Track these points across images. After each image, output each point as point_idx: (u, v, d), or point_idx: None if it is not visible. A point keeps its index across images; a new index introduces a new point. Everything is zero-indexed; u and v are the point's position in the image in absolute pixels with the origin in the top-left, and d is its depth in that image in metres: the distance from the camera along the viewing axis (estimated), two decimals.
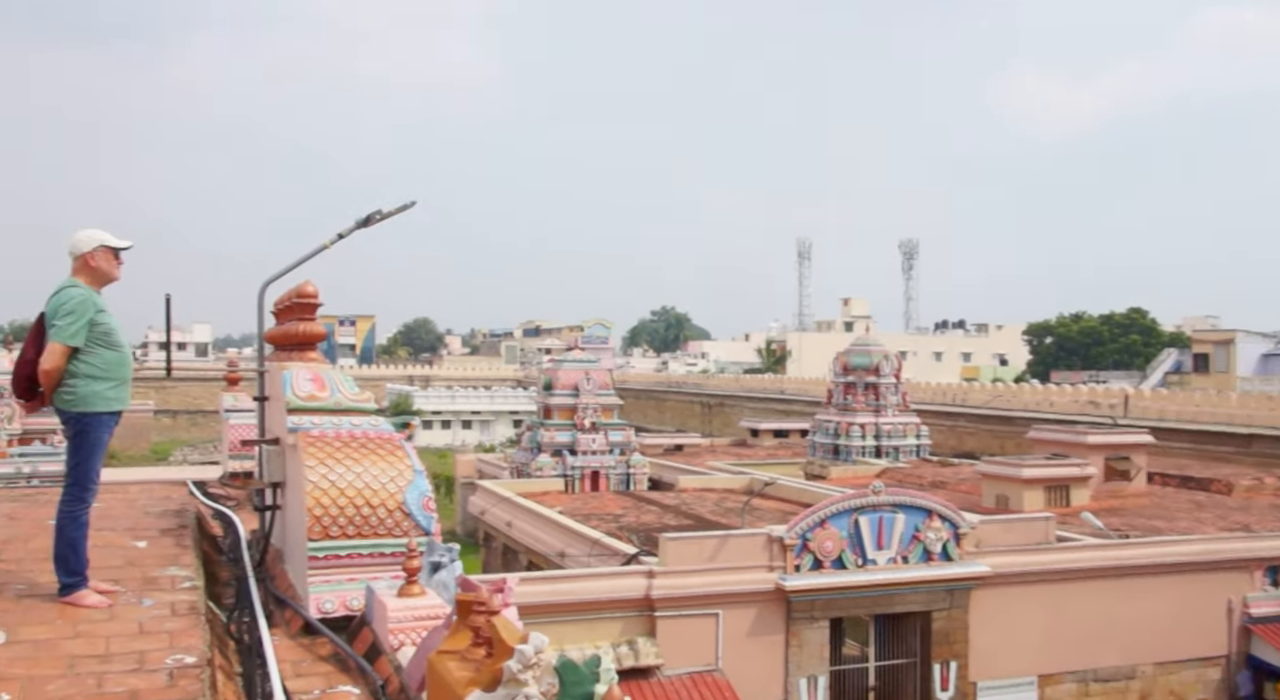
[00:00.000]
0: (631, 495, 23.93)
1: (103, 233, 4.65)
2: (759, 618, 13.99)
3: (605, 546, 16.22)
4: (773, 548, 14.05)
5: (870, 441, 28.58)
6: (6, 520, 6.54)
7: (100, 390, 4.52)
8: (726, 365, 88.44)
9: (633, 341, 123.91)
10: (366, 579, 4.93)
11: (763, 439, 38.22)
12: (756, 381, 60.40)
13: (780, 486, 22.21)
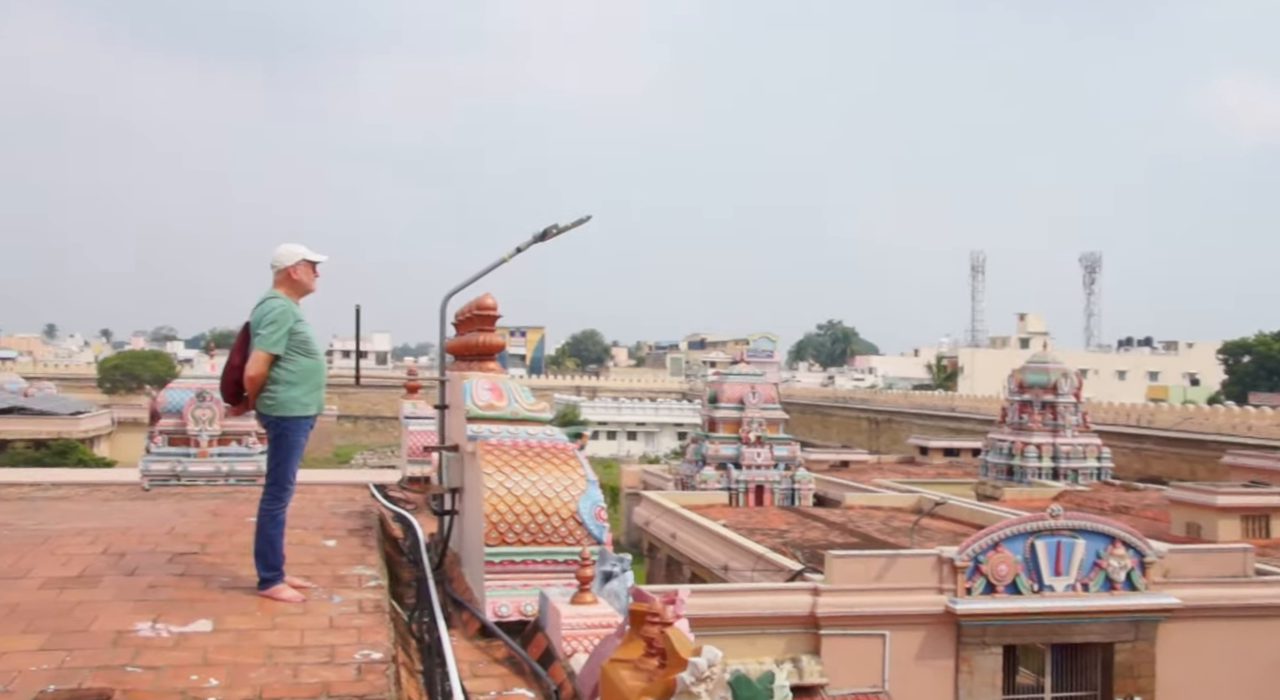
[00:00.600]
0: (796, 511, 23.66)
1: (302, 247, 4.94)
2: (927, 641, 13.59)
3: (769, 562, 16.10)
4: (943, 569, 13.64)
5: (1047, 462, 27.40)
6: (210, 516, 7.00)
7: (297, 396, 4.79)
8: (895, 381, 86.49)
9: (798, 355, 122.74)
10: (540, 585, 5.04)
11: (932, 457, 37.17)
12: (926, 398, 58.81)
13: (951, 506, 21.52)
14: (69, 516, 6.87)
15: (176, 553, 5.62)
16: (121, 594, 4.75)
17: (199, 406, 26.85)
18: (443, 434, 6.23)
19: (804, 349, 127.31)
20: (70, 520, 6.66)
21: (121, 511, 7.22)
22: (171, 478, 26.38)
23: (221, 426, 28.26)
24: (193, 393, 26.72)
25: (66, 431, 45.84)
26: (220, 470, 26.34)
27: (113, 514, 7.06)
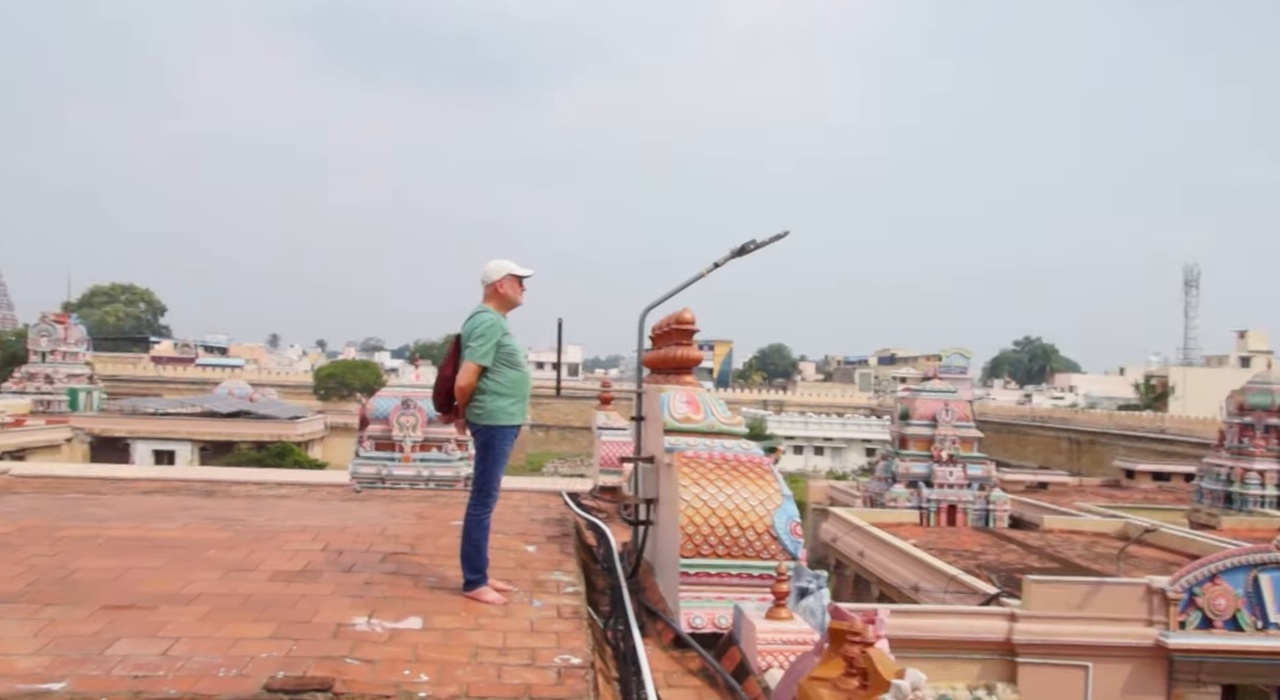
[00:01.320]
0: (991, 533, 22.75)
1: (510, 262, 5.13)
2: (1135, 675, 12.79)
3: (963, 584, 15.53)
4: (1153, 600, 12.81)
5: (1271, 491, 25.29)
6: (417, 519, 7.34)
7: (504, 406, 4.98)
8: (1098, 400, 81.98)
9: (993, 373, 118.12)
10: (734, 598, 5.04)
11: (1139, 481, 34.98)
12: (1133, 418, 55.45)
13: (1162, 534, 20.18)
14: (293, 514, 7.35)
15: (388, 552, 5.92)
16: (340, 589, 5.04)
17: (404, 414, 28.20)
18: (639, 445, 6.33)
19: (999, 366, 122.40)
20: (293, 518, 7.13)
21: (337, 511, 7.67)
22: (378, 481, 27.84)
23: (423, 433, 29.60)
24: (398, 401, 28.08)
25: (285, 435, 49.08)
26: (421, 475, 27.60)
27: (330, 513, 7.51)
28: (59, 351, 51.46)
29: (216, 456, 46.71)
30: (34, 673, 3.69)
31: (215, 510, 7.49)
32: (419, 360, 32.51)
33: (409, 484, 26.52)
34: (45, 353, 51.33)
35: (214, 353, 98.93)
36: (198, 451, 48.72)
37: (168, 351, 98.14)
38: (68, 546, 5.76)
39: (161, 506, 7.72)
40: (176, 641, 4.11)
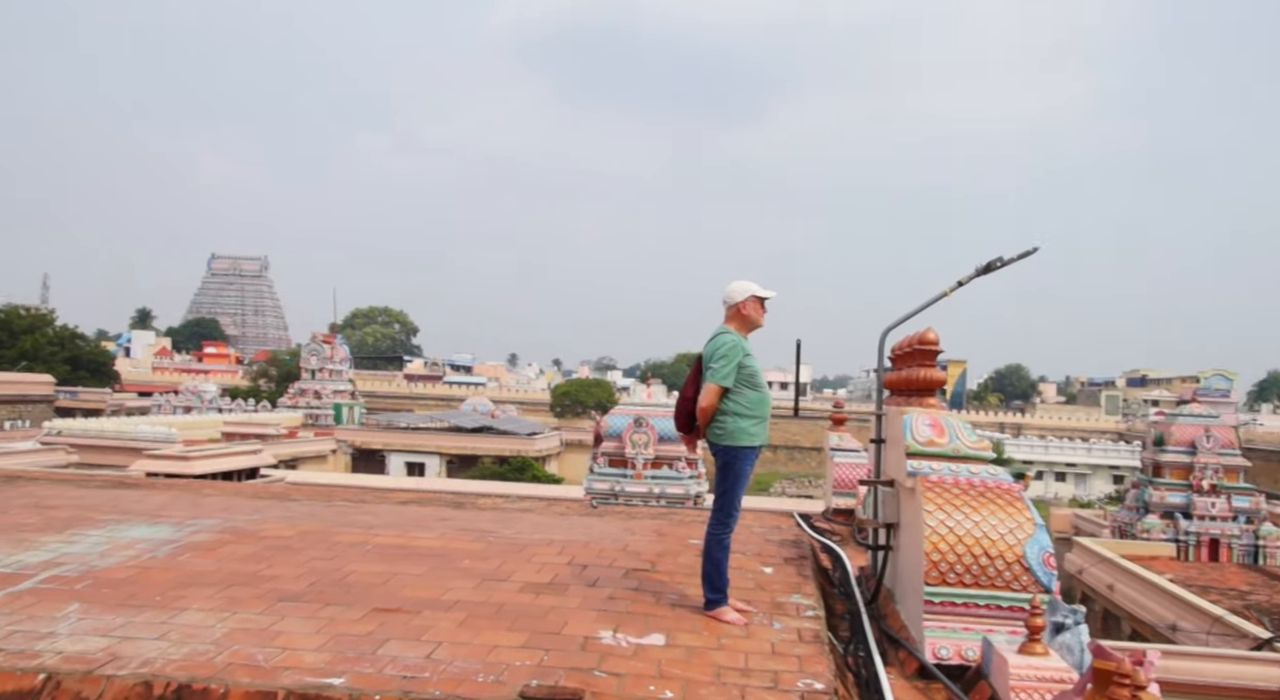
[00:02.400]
0: (1260, 571, 20.74)
1: (753, 284, 5.18)
2: None
3: (1228, 625, 14.24)
4: None
5: None
6: (656, 536, 7.48)
7: (746, 427, 5.01)
8: None
9: (1260, 396, 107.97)
10: (981, 630, 4.84)
11: None
12: None
13: None
14: (537, 528, 7.66)
15: (630, 568, 6.07)
16: (586, 602, 5.21)
17: (636, 431, 28.77)
18: (878, 468, 6.21)
19: (1268, 389, 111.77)
20: (539, 532, 7.43)
21: (578, 526, 7.93)
22: (611, 496, 28.51)
23: (655, 451, 30.12)
24: (631, 418, 28.68)
25: (524, 450, 51.21)
26: (653, 491, 28.04)
27: (572, 528, 7.77)
28: (326, 369, 55.90)
29: (461, 469, 49.29)
30: (318, 667, 4.03)
31: (467, 522, 7.91)
32: (650, 379, 33.14)
33: (641, 500, 27.04)
34: (315, 370, 55.88)
35: (460, 371, 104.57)
36: (445, 464, 51.56)
37: (419, 370, 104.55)
38: (341, 551, 6.24)
39: (418, 516, 8.23)
40: (439, 646, 4.37)
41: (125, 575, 5.43)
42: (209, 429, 44.15)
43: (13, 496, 8.32)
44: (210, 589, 5.20)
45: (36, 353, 65.06)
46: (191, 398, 56.56)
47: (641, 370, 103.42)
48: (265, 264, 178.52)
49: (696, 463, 28.54)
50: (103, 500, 8.27)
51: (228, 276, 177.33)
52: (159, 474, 25.32)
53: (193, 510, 7.83)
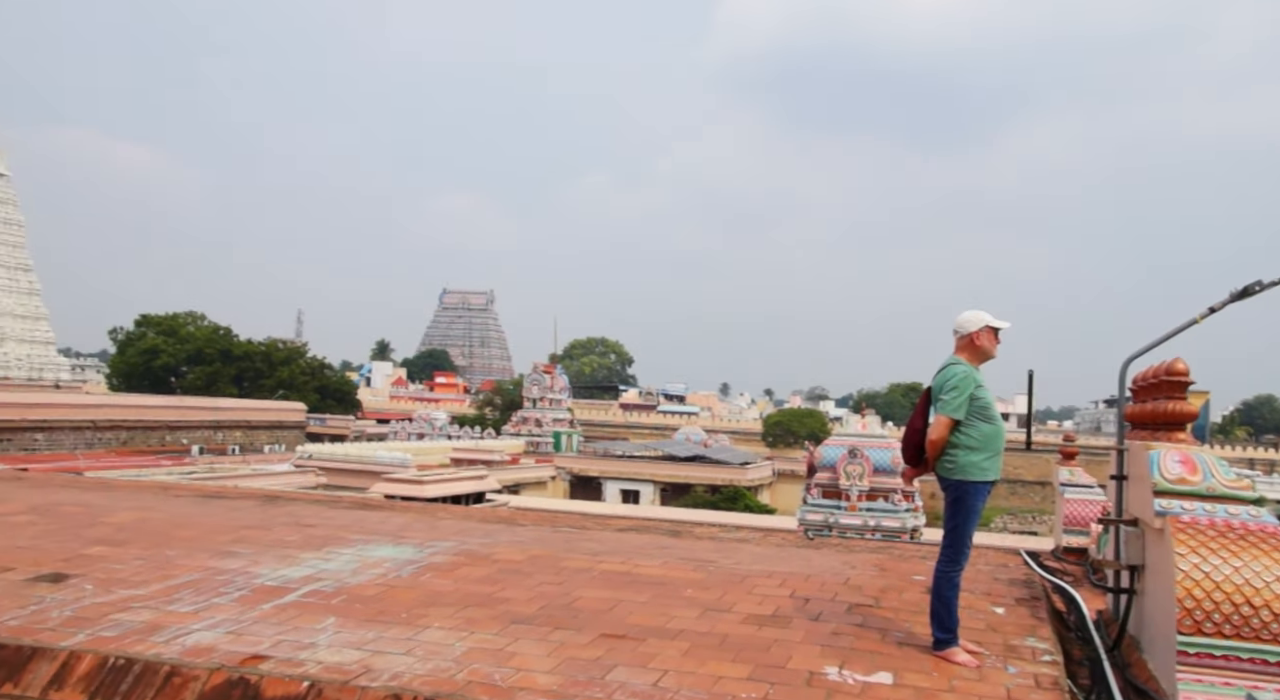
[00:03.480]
0: None
1: (986, 314, 5.03)
2: None
3: None
4: None
5: None
6: (878, 571, 7.33)
7: (977, 461, 4.86)
8: None
9: None
10: (1244, 686, 4.47)
11: None
12: None
13: None
14: (756, 559, 7.66)
15: (853, 603, 5.97)
16: (810, 637, 5.16)
17: (850, 462, 28.17)
18: (1119, 506, 5.85)
19: None
20: (758, 563, 7.42)
21: (796, 558, 7.86)
22: (824, 528, 28.00)
23: (870, 483, 29.39)
24: (845, 449, 28.12)
25: (736, 479, 51.26)
26: (868, 524, 27.34)
27: (790, 560, 7.72)
28: (547, 398, 57.97)
29: (674, 497, 49.80)
30: (550, 689, 4.18)
31: (686, 551, 8.00)
32: (865, 410, 32.49)
33: (856, 533, 26.51)
34: (536, 399, 58.05)
35: (673, 400, 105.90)
36: (659, 492, 52.24)
37: (633, 399, 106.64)
38: (569, 577, 6.45)
39: (639, 544, 8.39)
40: (665, 674, 4.45)
41: (374, 592, 5.81)
42: (439, 455, 46.60)
43: (276, 515, 9.06)
44: (449, 608, 5.49)
45: (292, 382, 70.75)
46: (424, 425, 59.88)
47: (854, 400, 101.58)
48: (491, 297, 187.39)
49: (914, 496, 27.71)
50: (351, 520, 8.88)
51: (457, 310, 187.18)
52: (395, 496, 26.92)
53: (430, 533, 8.29)
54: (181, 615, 5.18)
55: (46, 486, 11.30)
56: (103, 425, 36.81)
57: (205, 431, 43.68)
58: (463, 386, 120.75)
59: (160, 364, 69.73)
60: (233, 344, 72.32)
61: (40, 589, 5.66)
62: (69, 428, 35.24)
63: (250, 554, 6.88)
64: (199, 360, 69.78)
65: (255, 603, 5.49)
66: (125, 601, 5.43)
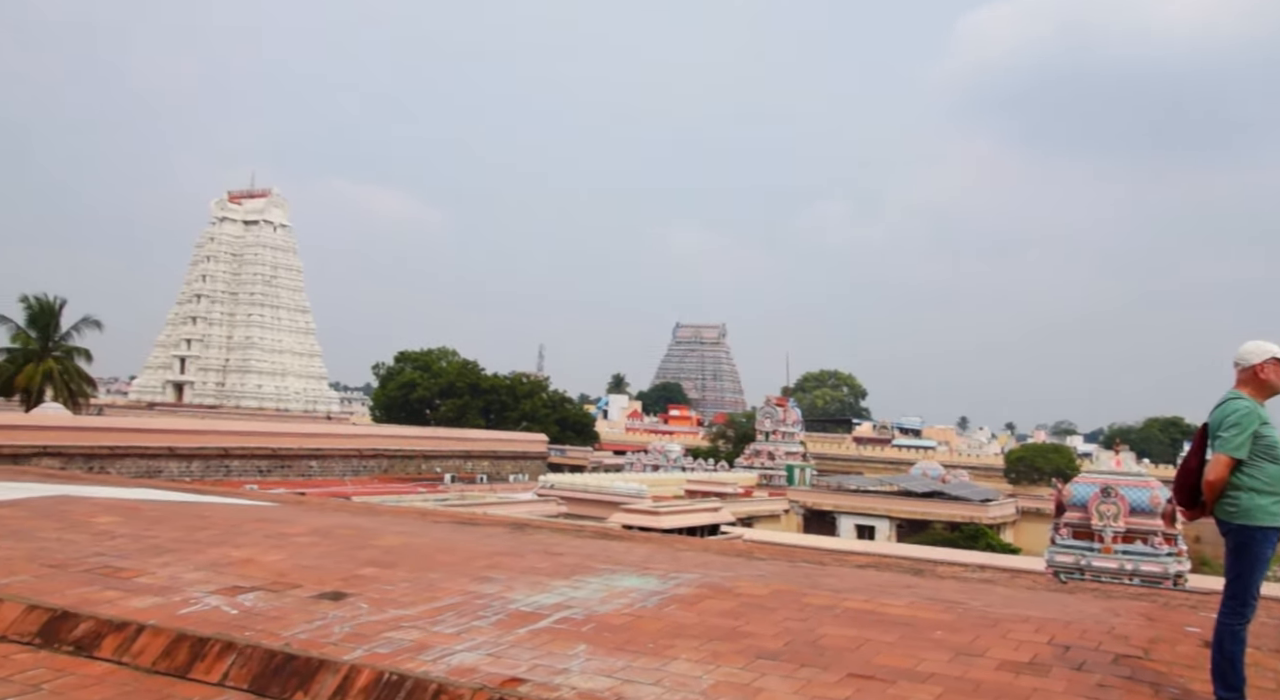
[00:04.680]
0: None
1: (1273, 345, 4.65)
2: None
3: None
4: None
5: None
6: (1144, 620, 6.83)
7: (1264, 504, 4.47)
8: None
9: None
10: None
11: None
12: None
13: None
14: (1006, 602, 7.32)
15: (1119, 654, 5.60)
16: (1072, 688, 4.88)
17: (1104, 502, 26.43)
18: None
19: None
20: (1008, 606, 7.09)
21: (1050, 602, 7.45)
22: (1075, 570, 26.33)
23: (1126, 524, 27.45)
24: (1097, 488, 26.43)
25: (977, 517, 49.11)
26: (1124, 568, 25.52)
27: (1044, 603, 7.33)
28: (779, 431, 57.78)
29: (911, 534, 48.25)
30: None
31: (931, 591, 7.75)
32: (1119, 445, 30.42)
33: (1110, 577, 24.74)
34: (768, 432, 57.99)
35: (908, 434, 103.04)
36: (894, 528, 50.77)
37: (867, 433, 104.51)
38: (812, 613, 6.40)
39: (880, 582, 8.21)
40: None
41: (621, 622, 5.97)
42: (674, 486, 47.25)
43: (526, 542, 9.49)
44: (695, 641, 5.56)
45: (534, 414, 73.95)
46: (659, 457, 60.97)
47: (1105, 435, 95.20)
48: (723, 331, 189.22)
49: (1176, 539, 25.58)
50: (596, 550, 9.17)
51: (690, 344, 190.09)
52: (633, 526, 27.49)
53: (673, 564, 8.44)
54: (446, 636, 5.51)
55: (323, 510, 12.31)
56: (367, 454, 39.63)
57: (456, 461, 46.14)
58: (696, 419, 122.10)
59: (416, 397, 74.54)
60: (480, 378, 76.36)
61: (323, 606, 6.17)
62: (338, 456, 38.16)
63: (505, 579, 7.23)
64: (450, 393, 74.05)
65: (511, 627, 5.76)
66: (396, 620, 5.83)
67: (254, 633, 5.44)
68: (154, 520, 9.80)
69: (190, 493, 13.83)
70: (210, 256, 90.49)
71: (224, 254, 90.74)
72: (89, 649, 5.49)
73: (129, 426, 33.94)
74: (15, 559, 7.34)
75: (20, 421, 30.68)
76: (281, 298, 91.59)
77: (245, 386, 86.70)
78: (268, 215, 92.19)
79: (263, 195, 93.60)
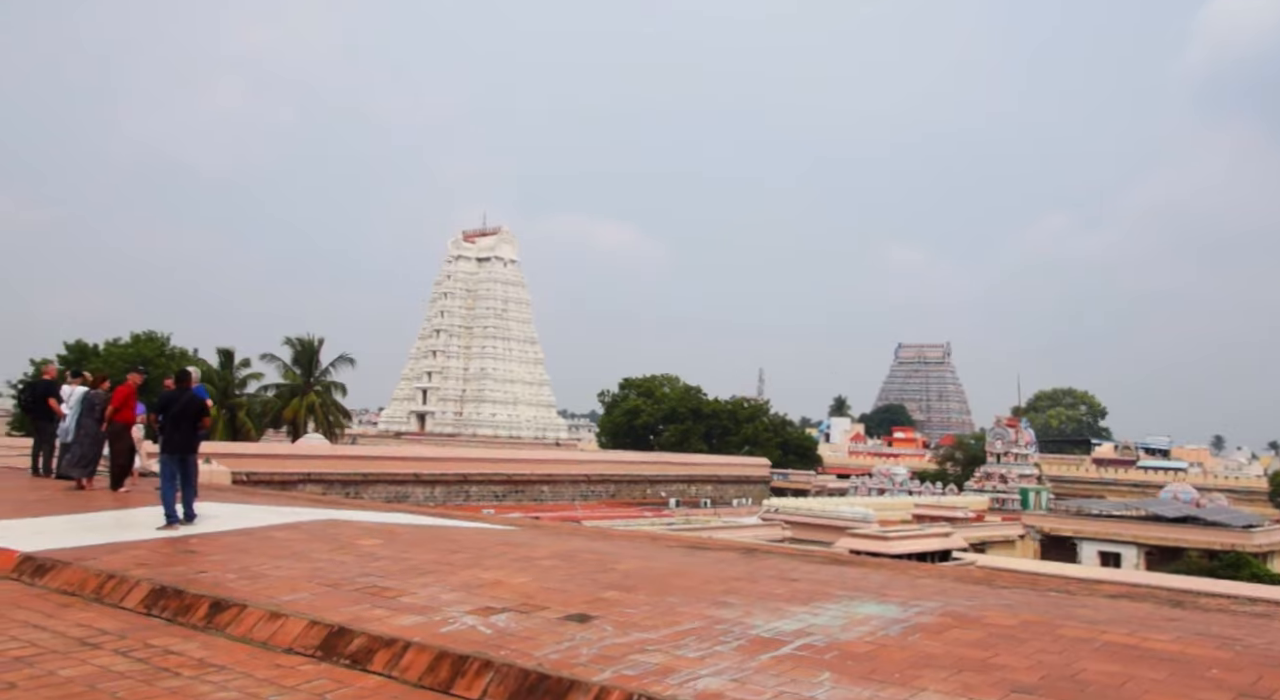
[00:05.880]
0: None
1: None
2: None
3: None
4: None
5: None
6: None
7: None
8: None
9: None
10: None
11: None
12: None
13: None
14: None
15: None
16: None
17: None
18: None
19: None
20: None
21: None
22: None
23: None
24: None
25: (1239, 544, 45.15)
26: None
27: None
28: (1011, 453, 55.30)
29: (1162, 563, 44.87)
30: None
31: (1198, 624, 7.21)
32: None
33: None
34: (1000, 454, 55.61)
35: (1154, 455, 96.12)
36: (1143, 555, 47.43)
37: (1108, 453, 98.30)
38: (1068, 645, 6.09)
39: (1138, 613, 7.70)
40: None
41: (865, 650, 5.89)
42: (901, 511, 46.03)
43: (759, 567, 9.51)
44: (943, 672, 5.41)
45: (756, 438, 74.00)
46: (884, 480, 59.61)
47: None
48: (947, 351, 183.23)
49: None
50: (830, 576, 9.07)
51: (913, 364, 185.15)
52: (860, 552, 26.95)
53: (911, 591, 8.23)
54: (689, 660, 5.61)
55: (559, 534, 12.77)
56: (594, 479, 40.82)
57: (680, 485, 46.75)
58: (921, 441, 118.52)
59: (640, 423, 76.08)
60: (702, 403, 77.12)
61: (570, 627, 6.41)
62: (568, 481, 39.51)
63: (742, 605, 7.28)
64: (673, 419, 75.14)
65: (753, 653, 5.79)
66: (640, 643, 5.98)
67: (508, 652, 5.72)
68: (410, 543, 10.46)
69: (437, 517, 14.65)
70: (447, 293, 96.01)
71: (459, 290, 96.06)
72: (363, 662, 5.93)
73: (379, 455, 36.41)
74: (297, 578, 8.03)
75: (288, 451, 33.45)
76: (512, 330, 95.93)
77: (480, 415, 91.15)
78: (498, 252, 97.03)
79: (493, 233, 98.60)
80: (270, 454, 33.84)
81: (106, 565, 8.52)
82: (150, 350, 50.86)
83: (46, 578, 8.51)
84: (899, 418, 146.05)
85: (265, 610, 6.82)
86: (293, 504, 15.36)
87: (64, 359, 50.08)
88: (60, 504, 13.53)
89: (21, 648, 6.32)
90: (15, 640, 6.51)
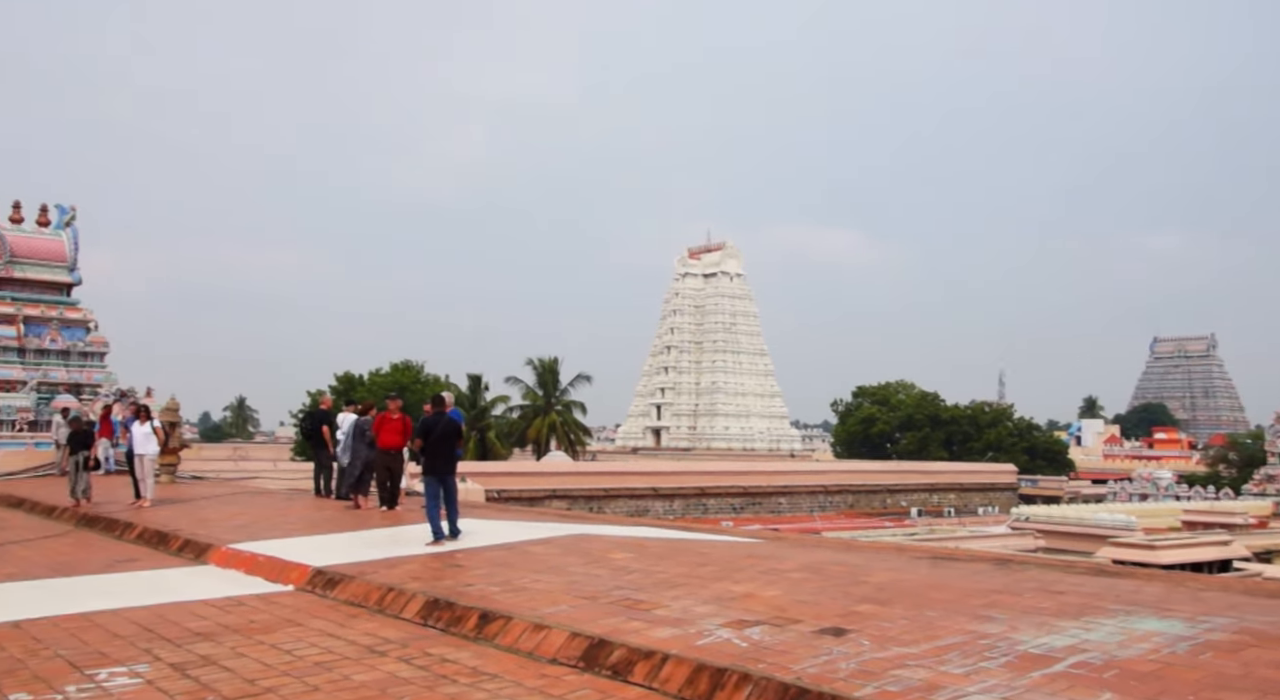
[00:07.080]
0: None
1: None
2: None
3: None
4: None
5: None
6: None
7: None
8: None
9: None
10: None
11: None
12: None
13: None
14: None
15: None
16: None
17: None
18: None
19: None
20: None
21: None
22: None
23: None
24: None
25: None
26: None
27: None
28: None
29: None
30: None
31: None
32: None
33: None
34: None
35: None
36: None
37: None
38: None
39: None
40: None
41: (1148, 669, 5.49)
42: (1167, 517, 42.76)
43: (1019, 579, 9.06)
44: (1243, 695, 4.97)
45: (999, 443, 70.85)
46: (1146, 485, 55.58)
47: None
48: (1212, 343, 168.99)
49: None
50: (1099, 588, 8.52)
51: (1172, 359, 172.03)
52: (1124, 562, 25.24)
53: (1195, 605, 7.61)
54: (954, 676, 5.41)
55: (803, 546, 12.65)
56: (832, 490, 40.21)
57: (921, 494, 45.33)
58: (1186, 442, 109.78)
59: (876, 431, 74.47)
60: (940, 409, 74.64)
61: (826, 641, 6.33)
62: (805, 492, 39.11)
63: (1006, 619, 6.96)
64: (909, 426, 73.09)
65: (1023, 670, 5.52)
66: (900, 658, 5.82)
67: (765, 665, 5.70)
68: (659, 556, 10.64)
69: (679, 530, 14.85)
70: (676, 310, 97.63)
71: (688, 307, 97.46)
72: (623, 674, 6.08)
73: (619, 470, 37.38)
74: (555, 591, 8.35)
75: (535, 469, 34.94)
76: (741, 343, 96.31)
77: (714, 429, 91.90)
78: (724, 267, 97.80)
79: (718, 248, 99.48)
80: (518, 472, 35.46)
81: (386, 579, 9.16)
82: (407, 378, 54.41)
83: (335, 590, 9.25)
84: (1159, 417, 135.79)
85: (529, 622, 7.12)
86: (542, 519, 15.97)
87: (334, 389, 54.41)
88: (341, 522, 14.68)
89: (321, 654, 6.91)
90: (315, 647, 7.14)
